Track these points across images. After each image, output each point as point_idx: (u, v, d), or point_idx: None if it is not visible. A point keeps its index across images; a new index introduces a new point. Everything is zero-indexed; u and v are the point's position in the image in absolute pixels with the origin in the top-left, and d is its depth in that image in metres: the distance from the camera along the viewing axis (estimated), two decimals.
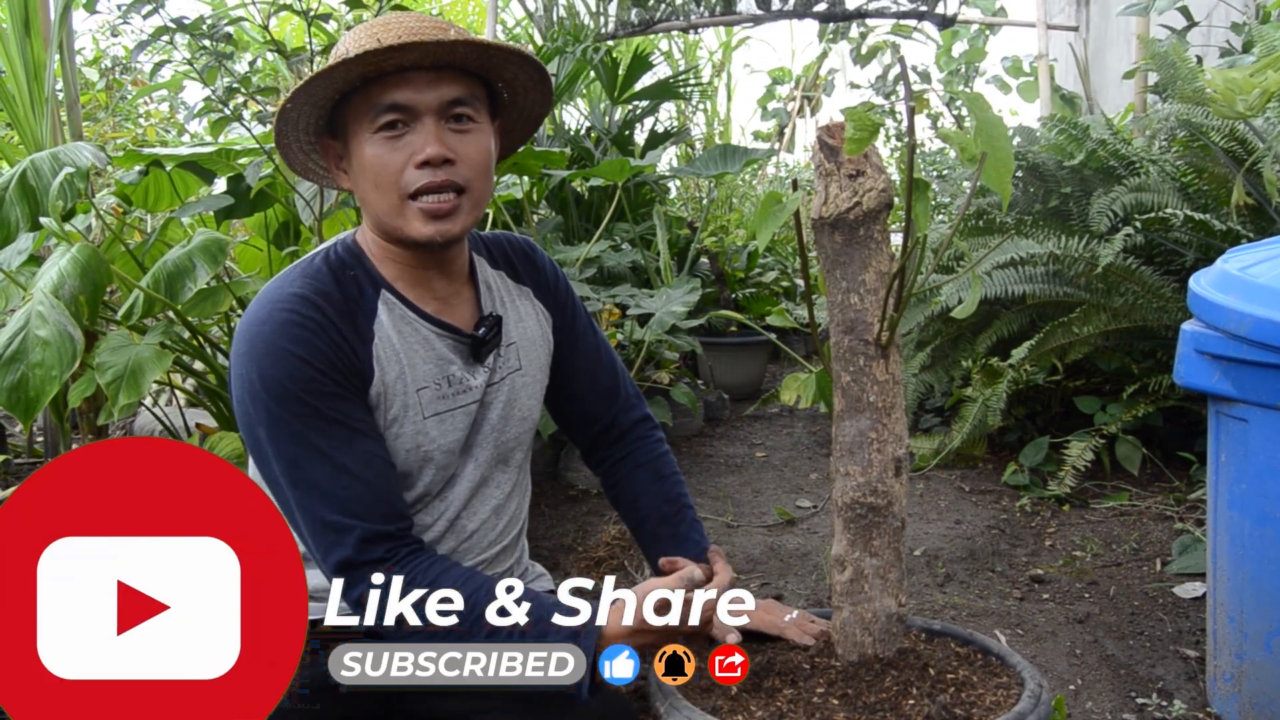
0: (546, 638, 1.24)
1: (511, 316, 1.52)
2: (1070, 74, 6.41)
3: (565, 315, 1.62)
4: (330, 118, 1.38)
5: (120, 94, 5.72)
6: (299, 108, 1.33)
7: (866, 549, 1.35)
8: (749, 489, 3.44)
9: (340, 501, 1.28)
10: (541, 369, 1.57)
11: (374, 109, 1.31)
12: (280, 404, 1.28)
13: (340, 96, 1.34)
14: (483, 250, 1.55)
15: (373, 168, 1.32)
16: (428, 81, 1.31)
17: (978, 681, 1.34)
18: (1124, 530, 2.78)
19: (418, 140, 1.31)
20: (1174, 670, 2.00)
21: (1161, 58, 3.43)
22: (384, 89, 1.30)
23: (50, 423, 3.08)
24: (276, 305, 1.31)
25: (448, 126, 1.33)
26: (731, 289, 5.05)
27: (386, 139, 1.32)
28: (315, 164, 1.46)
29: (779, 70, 8.92)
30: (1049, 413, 3.51)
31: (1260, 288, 1.58)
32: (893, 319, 1.29)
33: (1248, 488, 1.63)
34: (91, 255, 2.39)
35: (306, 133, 1.39)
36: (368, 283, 1.40)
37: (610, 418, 1.69)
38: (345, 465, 1.29)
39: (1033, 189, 3.63)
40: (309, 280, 1.35)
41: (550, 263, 1.63)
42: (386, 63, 1.28)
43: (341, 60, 1.26)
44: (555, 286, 1.61)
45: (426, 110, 1.32)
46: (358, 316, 1.36)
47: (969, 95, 1.12)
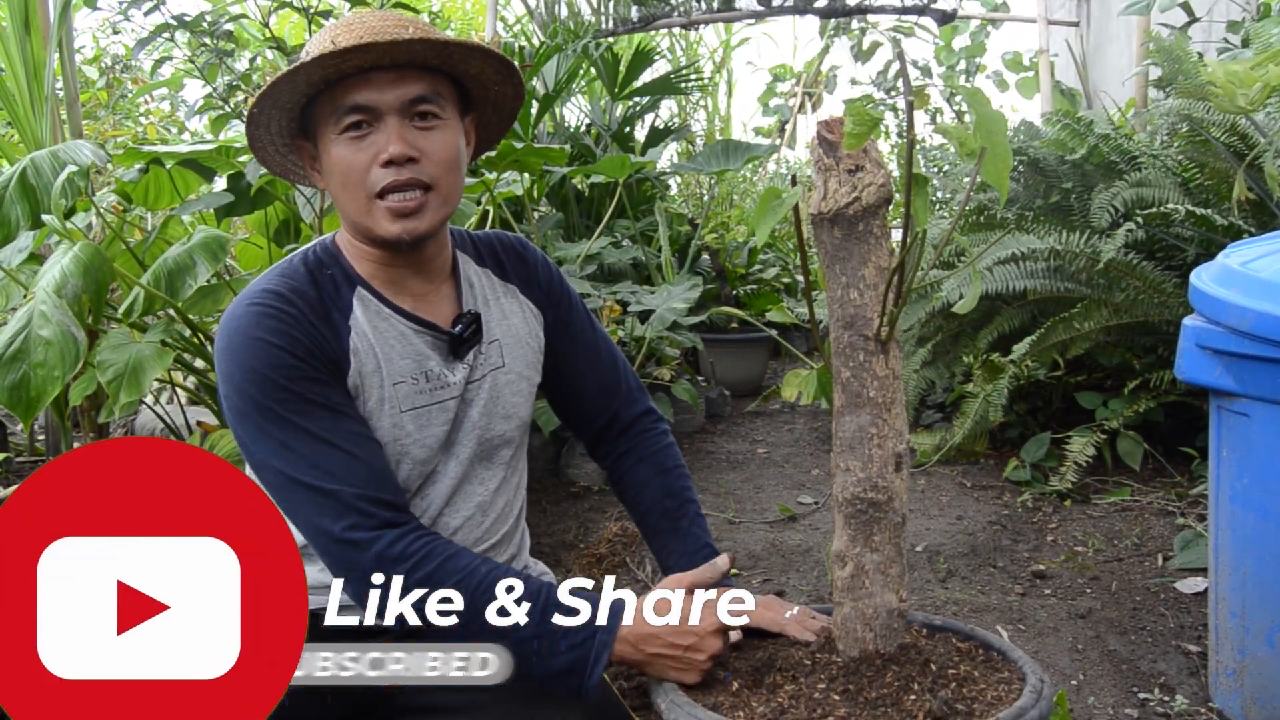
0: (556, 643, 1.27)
1: (495, 314, 1.52)
2: (1070, 70, 6.40)
3: (559, 312, 1.62)
4: (301, 119, 1.39)
5: (120, 92, 5.72)
6: (266, 111, 1.35)
7: (867, 545, 1.35)
8: (750, 485, 3.44)
9: (333, 475, 1.28)
10: (528, 366, 1.57)
11: (338, 110, 1.32)
12: (263, 393, 1.29)
13: (307, 99, 1.35)
14: (469, 248, 1.56)
15: (340, 168, 1.34)
16: (389, 81, 1.32)
17: (979, 677, 1.34)
18: (1126, 525, 2.78)
19: (381, 139, 1.32)
20: (1176, 665, 2.00)
21: (1166, 51, 3.43)
22: (346, 90, 1.32)
23: (51, 421, 3.08)
24: (252, 301, 1.34)
25: (412, 124, 1.34)
26: (732, 285, 5.05)
27: (351, 139, 1.33)
28: (293, 164, 1.47)
29: (780, 67, 8.90)
30: (1050, 408, 3.51)
31: (1262, 282, 1.58)
32: (892, 314, 1.28)
33: (1249, 483, 1.63)
34: (94, 254, 2.39)
35: (280, 135, 1.40)
36: (343, 280, 1.41)
37: (613, 412, 1.69)
38: (334, 442, 1.30)
39: (1034, 184, 3.63)
40: (284, 278, 1.38)
41: (543, 260, 1.63)
42: (346, 64, 1.29)
43: (300, 64, 1.27)
44: (547, 284, 1.61)
45: (389, 109, 1.33)
46: (332, 312, 1.38)
47: (969, 90, 1.11)
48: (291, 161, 1.46)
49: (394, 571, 1.26)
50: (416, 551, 1.28)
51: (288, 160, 1.45)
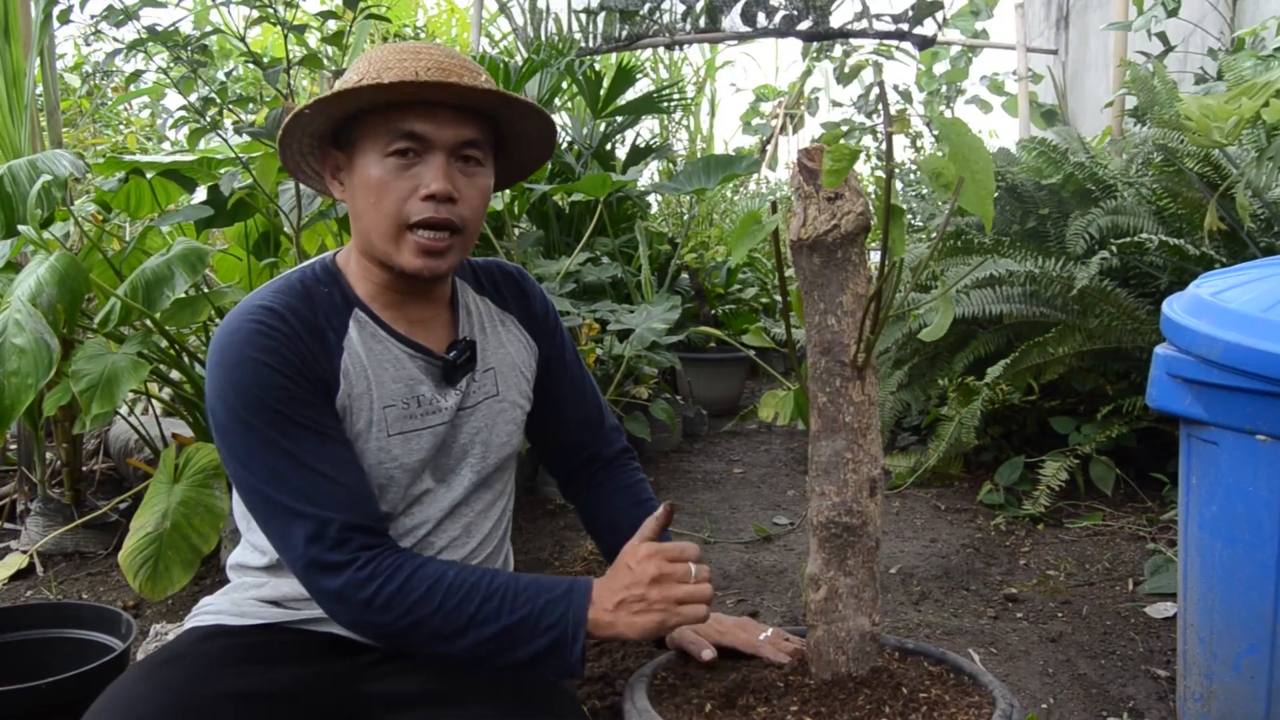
0: (536, 631, 1.28)
1: (491, 342, 1.53)
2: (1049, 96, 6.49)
3: (553, 345, 1.63)
4: (336, 130, 1.39)
5: (100, 99, 5.69)
6: (314, 116, 1.35)
7: (841, 568, 1.36)
8: (726, 505, 3.45)
9: (312, 500, 1.28)
10: (522, 395, 1.58)
11: (391, 133, 1.33)
12: (250, 411, 1.29)
13: (355, 113, 1.36)
14: (469, 275, 1.57)
15: (376, 188, 1.34)
16: (449, 119, 1.34)
17: (950, 701, 1.35)
18: (1097, 550, 2.80)
19: (427, 173, 1.33)
20: (1145, 690, 2.02)
21: (1142, 81, 3.47)
22: (404, 117, 1.32)
23: (24, 431, 3.06)
24: (245, 317, 1.34)
25: (456, 165, 1.36)
26: (711, 305, 5.07)
27: (397, 164, 1.33)
28: (309, 166, 1.47)
29: (764, 88, 8.97)
30: (1024, 432, 3.54)
31: (1231, 313, 1.60)
32: (869, 341, 1.30)
33: (1218, 510, 1.65)
34: (70, 264, 2.38)
35: (312, 137, 1.41)
36: (341, 300, 1.41)
37: (593, 449, 1.71)
38: (316, 467, 1.30)
39: (1011, 209, 3.67)
40: (279, 295, 1.38)
41: (540, 293, 1.65)
42: (417, 93, 1.31)
43: (374, 84, 1.28)
44: (544, 316, 1.63)
45: (442, 146, 1.34)
46: (326, 331, 1.38)
47: (946, 121, 1.13)
48: (308, 163, 1.46)
49: (363, 592, 1.26)
50: (386, 569, 1.28)
51: (305, 160, 1.46)
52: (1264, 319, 1.54)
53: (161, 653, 1.39)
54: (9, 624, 1.95)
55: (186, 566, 2.29)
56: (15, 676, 1.71)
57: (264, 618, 1.43)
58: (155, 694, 1.27)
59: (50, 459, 3.13)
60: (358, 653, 1.42)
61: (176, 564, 2.28)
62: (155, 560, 2.26)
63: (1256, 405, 1.54)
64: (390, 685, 1.39)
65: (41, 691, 1.67)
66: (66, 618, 1.98)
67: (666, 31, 4.49)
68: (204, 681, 1.30)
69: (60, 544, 2.89)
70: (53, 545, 2.88)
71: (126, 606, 2.53)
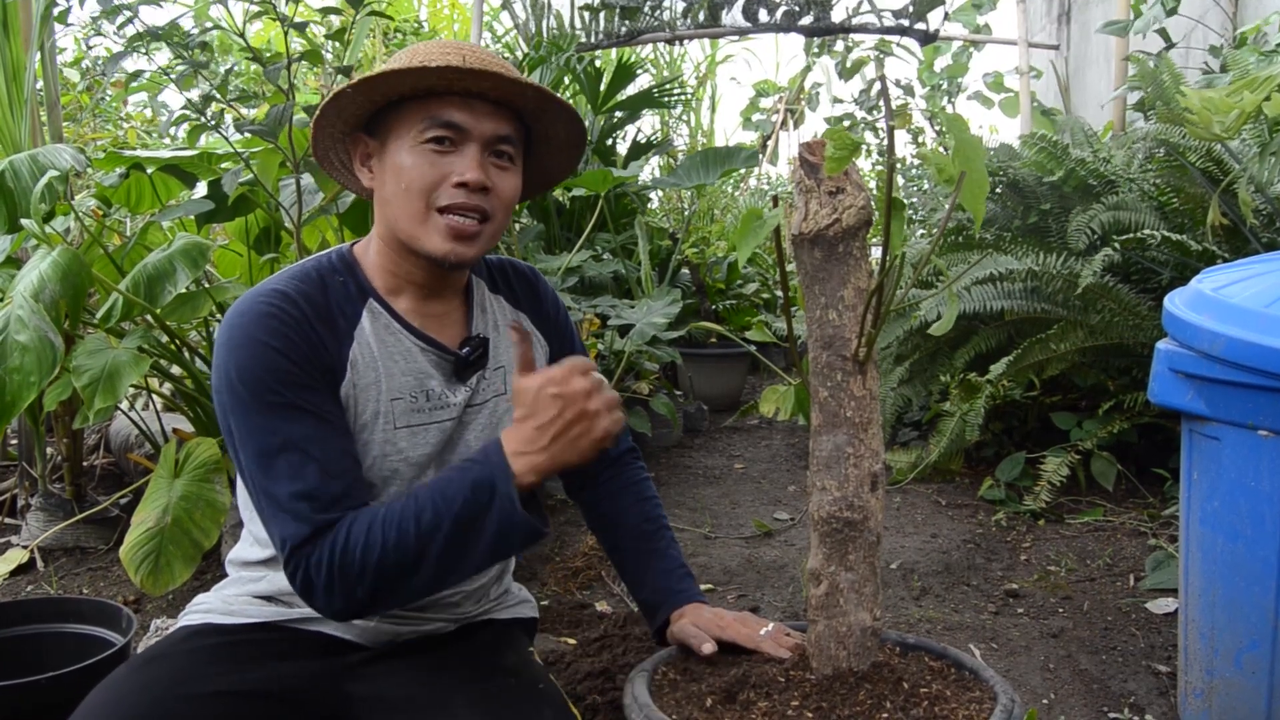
0: (480, 511, 1.24)
1: (504, 340, 1.53)
2: (1051, 92, 6.47)
3: (563, 347, 1.63)
4: (373, 115, 1.39)
5: (101, 94, 5.69)
6: (355, 97, 1.34)
7: (842, 563, 1.36)
8: (727, 500, 3.45)
9: (303, 489, 1.27)
10: None
11: (428, 120, 1.33)
12: (252, 393, 1.29)
13: (397, 98, 1.36)
14: (484, 273, 1.57)
15: (409, 174, 1.34)
16: (488, 112, 1.35)
17: (951, 696, 1.35)
18: (1098, 545, 2.80)
19: (460, 163, 1.33)
20: (1146, 685, 2.02)
21: (1149, 75, 3.46)
22: (444, 105, 1.33)
23: (25, 426, 3.06)
24: (257, 299, 1.33)
25: (489, 159, 1.36)
26: (712, 300, 5.06)
27: (431, 152, 1.33)
28: (337, 157, 1.47)
29: (764, 83, 8.95)
30: (1026, 428, 3.54)
31: (1233, 308, 1.60)
32: (870, 336, 1.30)
33: (1219, 505, 1.65)
34: (72, 259, 2.38)
35: (347, 122, 1.40)
36: (355, 289, 1.41)
37: None
38: (312, 454, 1.28)
39: (1013, 205, 3.67)
40: (293, 280, 1.37)
41: (552, 292, 1.65)
42: (458, 82, 1.31)
43: (421, 66, 1.28)
44: (556, 315, 1.63)
45: (478, 137, 1.34)
46: (338, 319, 1.37)
47: (948, 116, 1.13)
48: (336, 153, 1.46)
49: (320, 579, 1.24)
50: (326, 547, 1.24)
51: (334, 149, 1.46)
52: (1266, 314, 1.54)
53: (147, 652, 1.38)
54: (10, 619, 1.95)
55: (187, 561, 2.29)
56: (16, 671, 1.71)
57: (256, 616, 1.42)
58: (137, 693, 1.26)
59: (51, 454, 3.14)
60: (345, 652, 1.42)
61: (177, 559, 2.28)
62: (156, 555, 2.26)
63: (1259, 400, 1.54)
64: (374, 687, 1.38)
65: (42, 686, 1.68)
66: (67, 613, 1.98)
67: (667, 27, 4.48)
68: (186, 681, 1.29)
69: (61, 539, 2.90)
70: (53, 540, 2.88)
71: (127, 601, 2.53)
